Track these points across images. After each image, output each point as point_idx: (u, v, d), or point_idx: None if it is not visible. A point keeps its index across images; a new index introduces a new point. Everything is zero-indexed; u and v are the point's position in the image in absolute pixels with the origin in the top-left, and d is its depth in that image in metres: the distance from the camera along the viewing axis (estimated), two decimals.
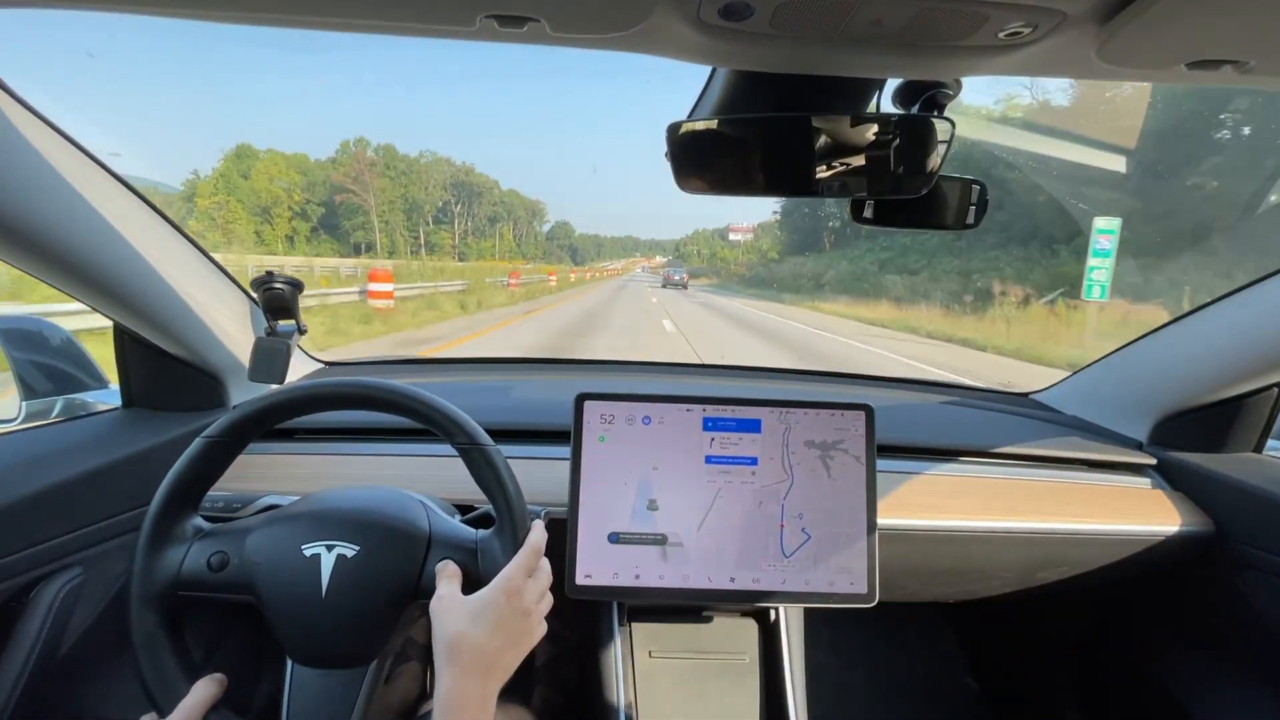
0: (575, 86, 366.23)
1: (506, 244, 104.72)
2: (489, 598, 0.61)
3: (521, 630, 0.62)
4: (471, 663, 0.58)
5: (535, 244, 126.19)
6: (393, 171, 79.08)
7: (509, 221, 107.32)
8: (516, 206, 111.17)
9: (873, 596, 0.89)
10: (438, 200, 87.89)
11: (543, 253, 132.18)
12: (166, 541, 0.65)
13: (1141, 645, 1.21)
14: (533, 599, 0.64)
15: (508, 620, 0.61)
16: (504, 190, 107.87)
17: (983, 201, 0.80)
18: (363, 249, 65.60)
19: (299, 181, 61.70)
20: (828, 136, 0.70)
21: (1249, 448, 1.11)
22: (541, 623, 0.66)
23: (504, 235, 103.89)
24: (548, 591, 0.68)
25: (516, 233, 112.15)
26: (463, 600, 0.62)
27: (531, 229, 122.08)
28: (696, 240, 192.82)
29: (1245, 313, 0.97)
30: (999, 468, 1.12)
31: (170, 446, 0.91)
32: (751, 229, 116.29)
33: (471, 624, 0.60)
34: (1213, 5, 0.42)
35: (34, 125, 0.66)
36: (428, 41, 0.56)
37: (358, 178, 70.19)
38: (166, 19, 0.54)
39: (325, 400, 0.69)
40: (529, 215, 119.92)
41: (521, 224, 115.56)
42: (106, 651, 0.87)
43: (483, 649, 0.59)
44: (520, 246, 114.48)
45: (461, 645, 0.59)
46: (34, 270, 0.74)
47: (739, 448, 0.90)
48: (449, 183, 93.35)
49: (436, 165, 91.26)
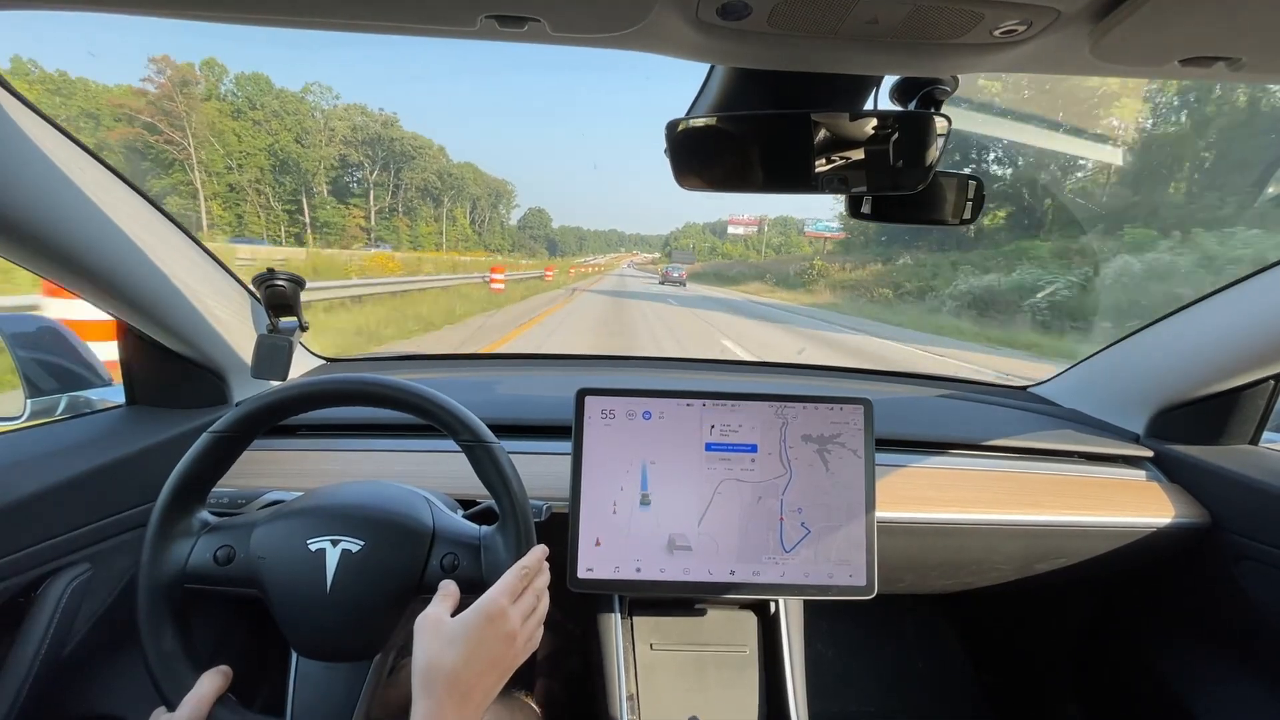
0: (560, 61, 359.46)
1: (459, 230, 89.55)
2: (470, 622, 0.60)
3: (503, 654, 0.61)
4: (446, 692, 0.56)
5: (501, 233, 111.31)
6: (260, 112, 51.85)
7: (461, 201, 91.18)
8: (469, 182, 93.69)
9: (871, 589, 0.89)
10: (333, 158, 60.65)
11: (511, 244, 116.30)
12: (173, 535, 0.65)
13: (1138, 636, 1.22)
14: (518, 621, 0.62)
15: (488, 645, 0.59)
16: (453, 162, 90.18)
17: (979, 197, 0.80)
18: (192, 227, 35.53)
19: (57, 113, 33.58)
20: (826, 133, 0.70)
21: (1245, 440, 1.12)
22: (531, 641, 0.65)
23: (456, 218, 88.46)
24: (536, 612, 0.66)
25: (476, 217, 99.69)
26: (445, 624, 0.60)
27: (496, 214, 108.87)
28: (689, 234, 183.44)
29: (1241, 306, 0.97)
30: (997, 460, 1.13)
31: (174, 443, 0.92)
32: (755, 221, 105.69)
33: (448, 649, 0.58)
34: (1205, 3, 0.43)
35: (34, 122, 0.67)
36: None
37: (169, 111, 39.61)
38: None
39: (329, 396, 0.70)
40: (491, 197, 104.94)
41: (482, 207, 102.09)
42: (114, 646, 0.88)
43: (457, 676, 0.57)
44: (481, 234, 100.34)
45: (435, 672, 0.57)
46: (37, 268, 0.74)
47: (739, 434, 0.91)
48: (362, 138, 66.75)
49: (340, 112, 64.30)
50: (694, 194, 0.78)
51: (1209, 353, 1.04)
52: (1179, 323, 1.08)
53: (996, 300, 16.79)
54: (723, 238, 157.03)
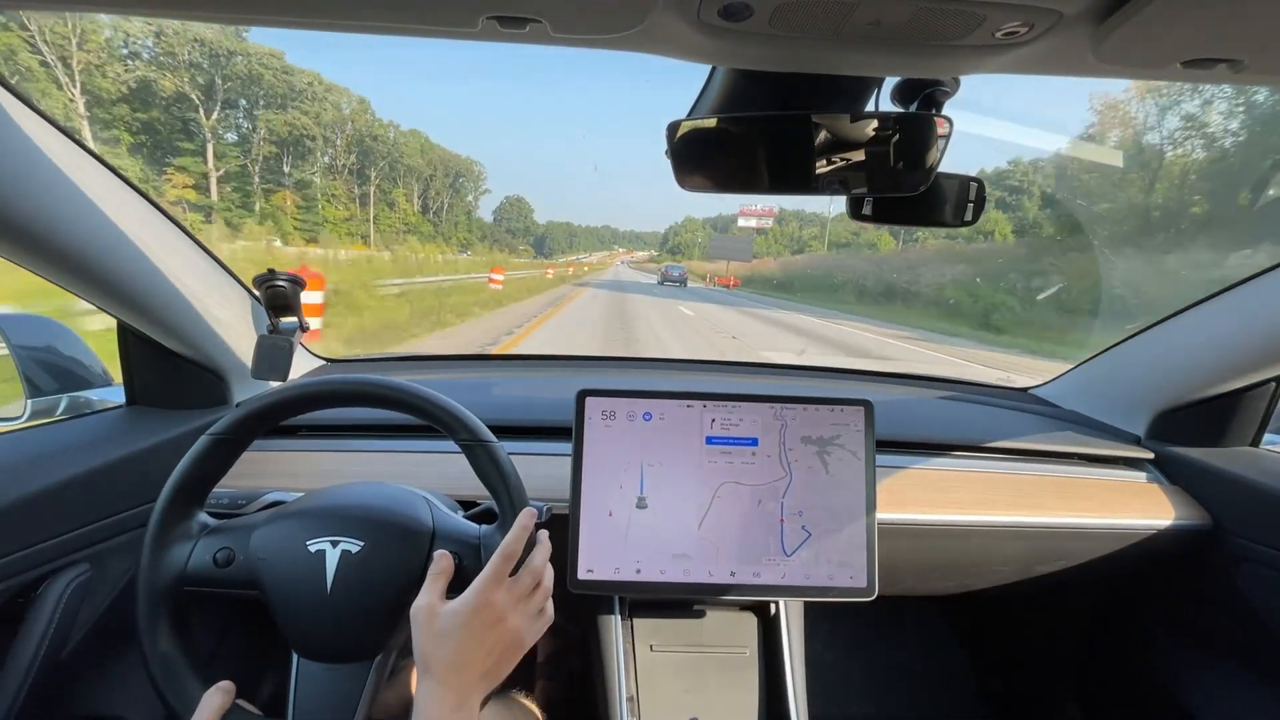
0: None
1: (401, 214, 72.05)
2: (460, 613, 0.60)
3: (499, 640, 0.61)
4: (445, 678, 0.57)
5: (468, 223, 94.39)
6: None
7: (404, 180, 74.31)
8: (412, 153, 76.58)
9: (872, 590, 0.89)
10: (190, 103, 39.14)
11: (481, 236, 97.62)
12: (173, 538, 0.65)
13: (1138, 638, 1.21)
14: (509, 605, 0.62)
15: (481, 634, 0.59)
16: (401, 130, 76.35)
17: (980, 198, 0.80)
18: None
19: None
20: (827, 134, 0.70)
21: (1246, 442, 1.12)
22: (536, 619, 0.65)
23: (397, 201, 70.37)
24: (540, 587, 0.66)
25: (429, 202, 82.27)
26: (437, 616, 0.60)
27: (459, 200, 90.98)
28: (689, 229, 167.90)
29: (1242, 308, 0.97)
30: (997, 462, 1.13)
31: (174, 444, 0.92)
32: (770, 213, 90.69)
33: (442, 642, 0.58)
34: (1207, 4, 0.43)
35: (34, 122, 0.67)
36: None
37: None
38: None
39: (329, 397, 0.70)
40: (447, 176, 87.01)
41: (439, 189, 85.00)
42: (113, 646, 0.88)
43: (452, 665, 0.58)
44: (438, 223, 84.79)
45: (431, 663, 0.58)
46: (37, 268, 0.74)
47: (739, 429, 0.91)
48: (246, 73, 44.79)
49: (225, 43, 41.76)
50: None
51: (1210, 355, 1.04)
52: (1180, 325, 1.08)
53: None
54: (724, 232, 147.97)
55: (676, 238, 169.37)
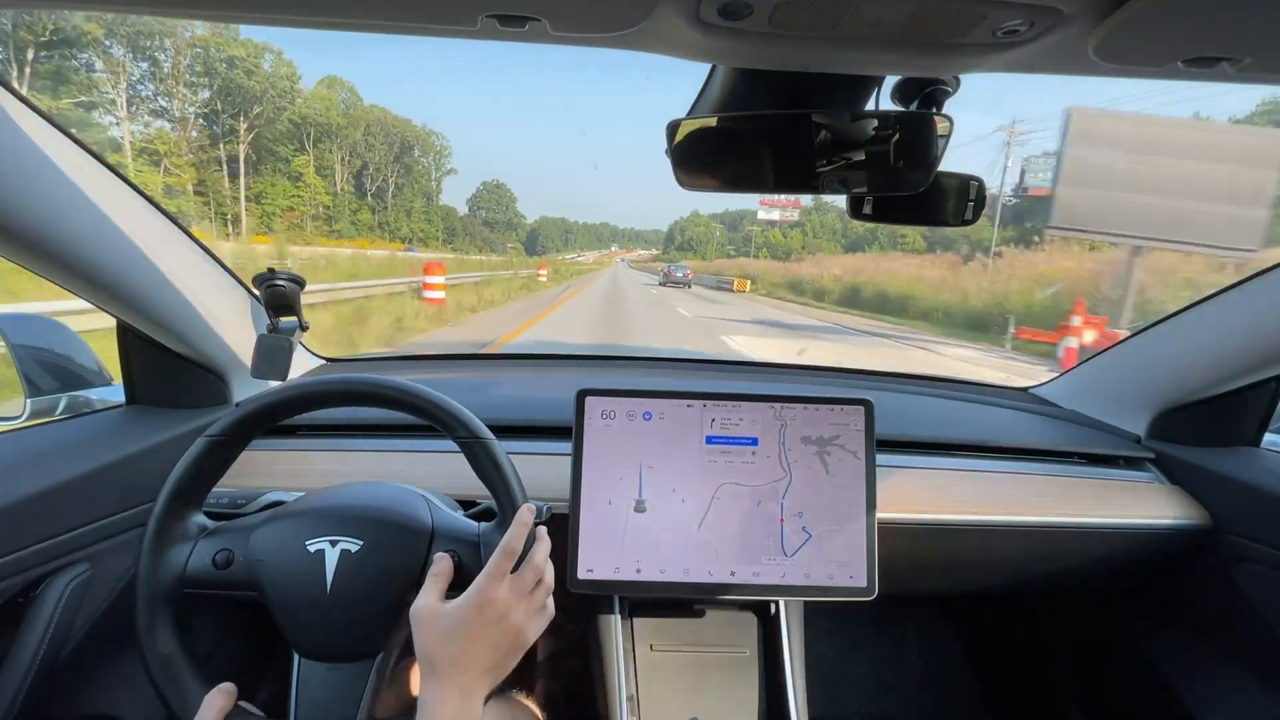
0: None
1: (281, 191, 51.88)
2: (460, 613, 0.60)
3: (503, 637, 0.61)
4: (449, 676, 0.58)
5: (426, 211, 75.48)
6: None
7: (327, 148, 58.87)
8: (320, 106, 58.65)
9: (872, 590, 0.89)
10: None
11: (442, 232, 78.94)
12: (171, 540, 0.65)
13: (1138, 637, 1.21)
14: (511, 602, 0.62)
15: (482, 632, 0.60)
16: (281, 72, 53.56)
17: (980, 197, 0.80)
18: None
19: None
20: (827, 133, 0.70)
21: (1246, 441, 1.12)
22: (537, 615, 0.65)
23: (304, 174, 51.41)
24: (541, 583, 0.66)
25: (370, 179, 66.54)
26: (439, 617, 0.60)
27: (414, 182, 73.11)
28: (695, 224, 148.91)
29: (1243, 307, 0.97)
30: (997, 461, 1.13)
31: (174, 443, 0.92)
32: (797, 204, 72.13)
33: (444, 642, 0.59)
34: (1208, 3, 0.43)
35: (34, 122, 0.67)
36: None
37: None
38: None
39: (328, 397, 0.70)
40: (390, 146, 69.78)
41: (379, 162, 68.13)
42: (113, 646, 0.87)
43: (456, 664, 0.58)
44: (380, 208, 68.31)
45: (435, 662, 0.58)
46: (37, 268, 0.74)
47: (739, 428, 0.91)
48: None
49: None
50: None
51: (1210, 354, 1.04)
52: (1180, 324, 1.08)
53: None
54: (734, 230, 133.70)
55: (684, 234, 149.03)
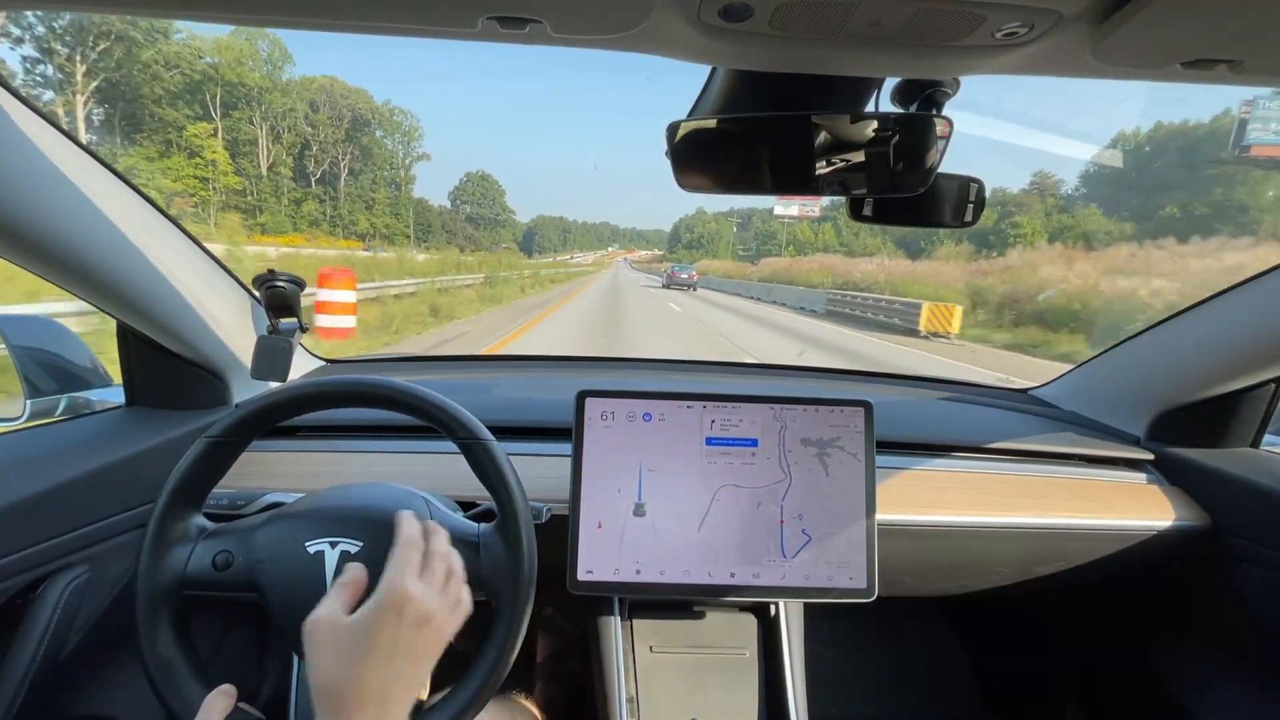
0: None
1: (170, 167, 40.26)
2: (373, 620, 0.51)
3: (427, 645, 0.54)
4: (358, 707, 0.48)
5: (392, 204, 64.11)
6: None
7: (243, 118, 48.29)
8: (228, 67, 46.85)
9: (872, 591, 0.89)
10: None
11: (422, 223, 68.58)
12: (171, 542, 0.65)
13: (1139, 639, 1.21)
14: (432, 598, 0.55)
15: (401, 639, 0.51)
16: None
17: (980, 199, 0.80)
18: None
19: None
20: (827, 135, 0.71)
21: (1246, 443, 1.12)
22: (455, 611, 0.58)
23: (204, 150, 41.01)
24: (453, 574, 0.60)
25: (314, 161, 55.21)
26: (341, 627, 0.51)
27: (375, 169, 61.26)
28: (703, 222, 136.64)
29: (1242, 308, 0.97)
30: (997, 463, 1.13)
31: (174, 445, 0.91)
32: (819, 197, 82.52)
33: (348, 660, 0.50)
34: (1207, 5, 0.43)
35: (34, 122, 0.67)
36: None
37: None
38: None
39: (327, 398, 0.70)
40: (336, 122, 57.86)
41: (325, 140, 56.69)
42: (112, 648, 0.87)
43: (367, 686, 0.49)
44: (331, 199, 56.76)
45: (339, 691, 0.49)
46: (37, 269, 0.74)
47: (739, 429, 0.91)
48: None
49: None
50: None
51: (1210, 356, 1.04)
52: (1179, 326, 1.08)
53: None
54: (744, 228, 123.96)
55: (691, 232, 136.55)
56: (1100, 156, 40.98)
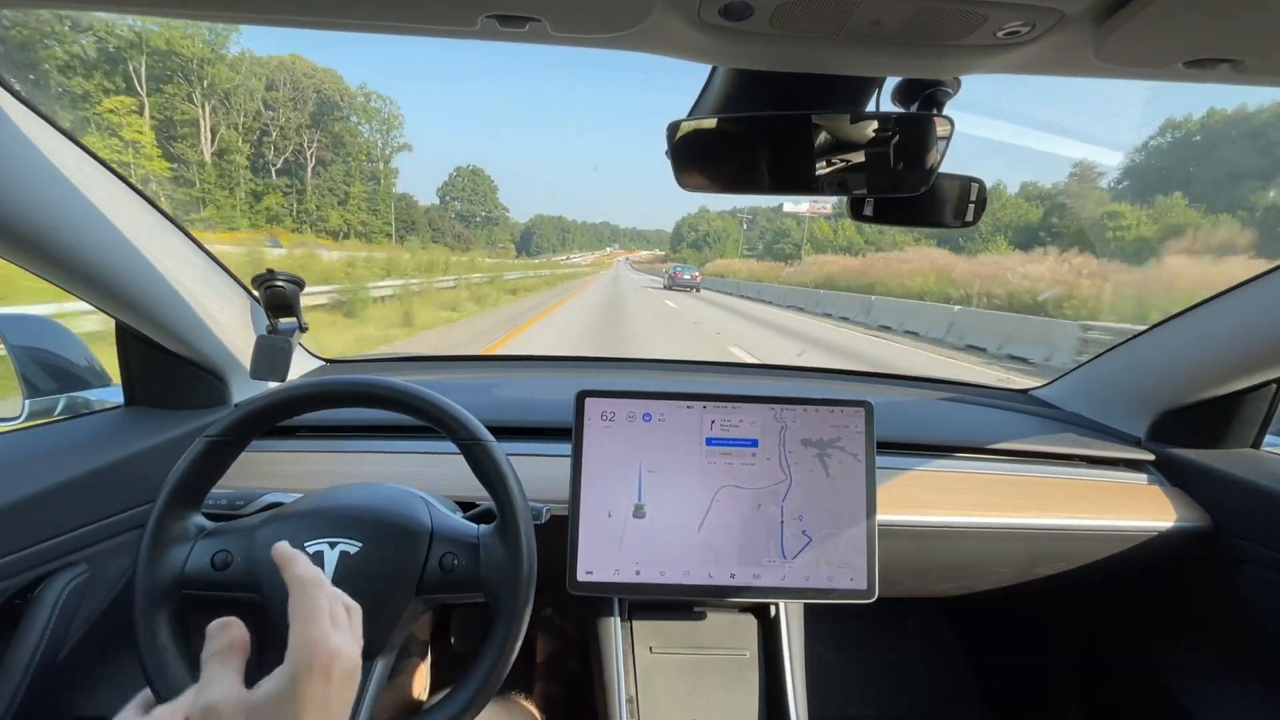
0: None
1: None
2: (294, 691, 0.42)
3: (349, 695, 0.46)
4: None
5: (370, 199, 55.94)
6: None
7: (179, 94, 41.41)
8: (156, 34, 39.45)
9: (872, 592, 0.89)
10: None
11: (404, 219, 61.03)
12: (170, 541, 0.65)
13: (1139, 640, 1.21)
14: (354, 648, 0.48)
15: (334, 701, 0.44)
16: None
17: (981, 199, 0.80)
18: None
19: None
20: (828, 134, 0.70)
21: (1247, 443, 1.12)
22: (357, 638, 0.51)
23: (125, 126, 32.47)
24: (351, 608, 0.53)
25: (273, 150, 47.93)
26: (255, 710, 0.41)
27: (349, 160, 53.49)
28: (705, 221, 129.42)
29: (1243, 309, 0.97)
30: (997, 464, 1.12)
31: (173, 445, 0.91)
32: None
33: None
34: (1209, 4, 0.43)
35: (34, 122, 0.66)
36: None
37: None
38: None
39: (327, 398, 0.70)
40: (304, 106, 51.08)
41: (288, 125, 49.31)
42: (111, 648, 0.87)
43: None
44: (297, 191, 49.10)
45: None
46: (37, 269, 0.74)
47: (739, 430, 0.91)
48: None
49: None
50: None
51: (1210, 356, 1.03)
52: (1180, 326, 1.08)
53: None
54: (749, 227, 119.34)
55: (696, 231, 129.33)
56: (1143, 146, 38.98)
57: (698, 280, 31.03)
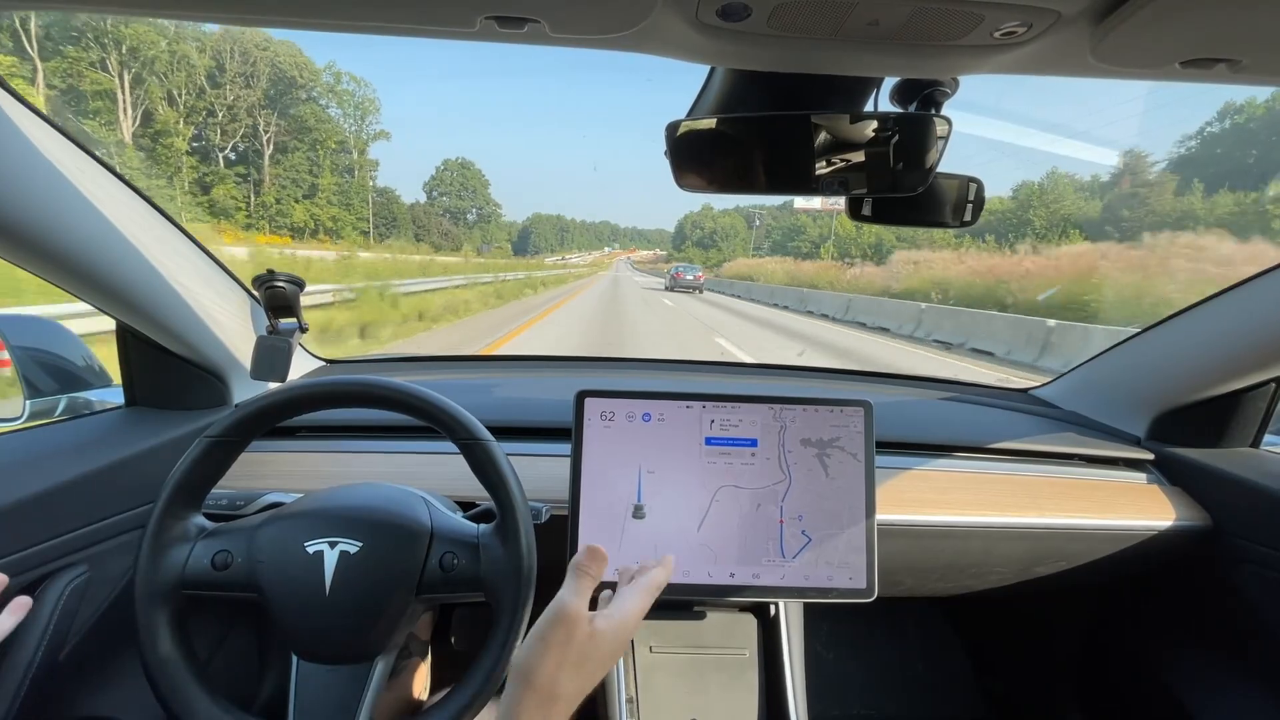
0: None
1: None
2: (604, 642, 0.51)
3: (584, 654, 0.51)
4: (522, 687, 0.49)
5: (342, 192, 49.17)
6: None
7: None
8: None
9: (872, 592, 0.89)
10: None
11: (384, 216, 53.47)
12: (170, 542, 0.65)
13: (1139, 639, 1.21)
14: (599, 623, 0.53)
15: (565, 647, 0.50)
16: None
17: (979, 198, 0.80)
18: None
19: None
20: (826, 134, 0.71)
21: (1246, 443, 1.12)
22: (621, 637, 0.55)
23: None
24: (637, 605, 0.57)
25: (216, 131, 40.54)
26: (592, 636, 0.51)
27: (314, 147, 46.50)
28: (709, 218, 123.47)
29: (1242, 308, 0.97)
30: (997, 463, 1.12)
31: (173, 445, 0.92)
32: None
33: (577, 675, 0.49)
34: (1206, 5, 0.43)
35: (34, 123, 0.67)
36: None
37: None
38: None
39: (327, 398, 0.70)
40: (254, 83, 43.98)
41: (238, 104, 41.98)
42: (112, 648, 0.87)
43: (570, 704, 0.49)
44: (205, 175, 41.12)
45: (551, 697, 0.48)
46: (36, 269, 0.74)
47: (739, 429, 0.91)
48: None
49: None
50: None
51: (1210, 355, 1.04)
52: (1180, 326, 1.08)
53: None
54: (754, 225, 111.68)
55: (701, 229, 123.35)
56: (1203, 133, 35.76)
57: (701, 281, 29.89)
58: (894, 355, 10.71)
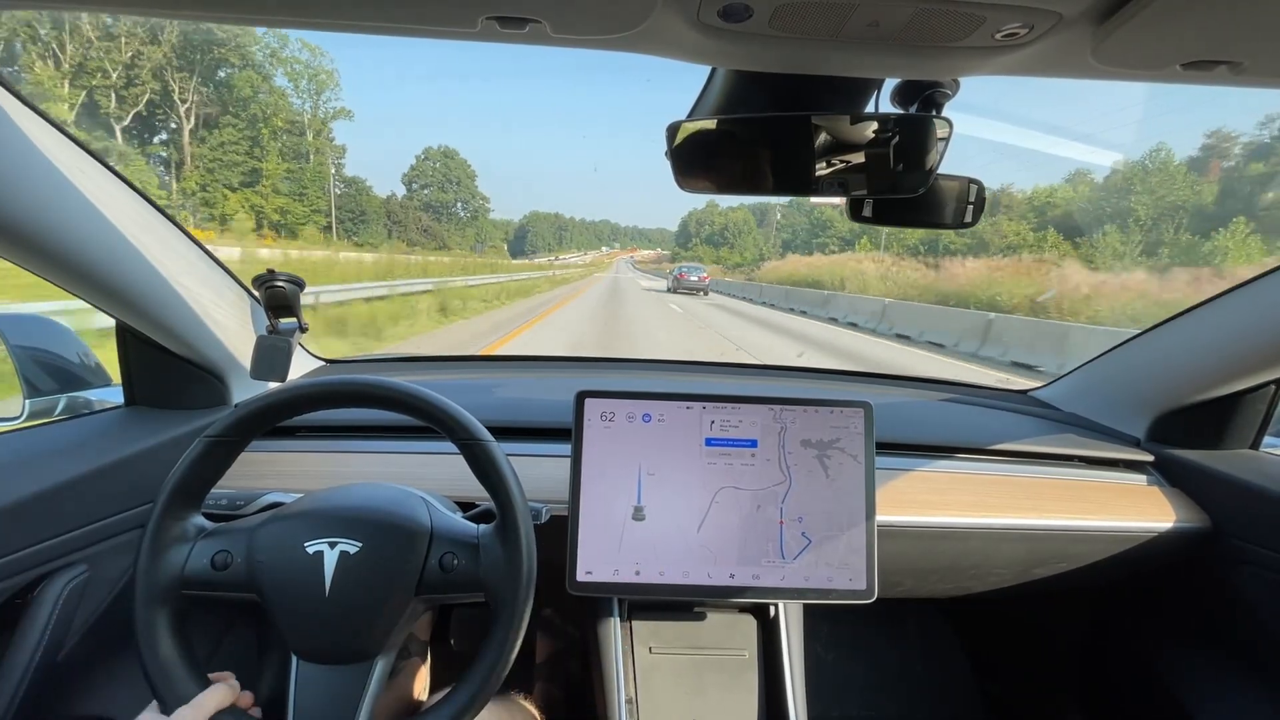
0: None
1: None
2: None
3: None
4: None
5: (292, 176, 39.31)
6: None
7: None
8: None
9: (872, 593, 0.89)
10: None
11: (351, 209, 46.15)
12: (170, 542, 0.65)
13: (1139, 641, 1.21)
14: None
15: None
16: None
17: (980, 200, 0.80)
18: None
19: None
20: (827, 135, 0.71)
21: (1246, 444, 1.12)
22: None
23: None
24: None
25: (92, 93, 30.36)
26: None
27: (257, 126, 37.63)
28: (714, 215, 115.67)
29: (1242, 310, 0.97)
30: (997, 464, 1.12)
31: (173, 445, 0.91)
32: None
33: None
34: (1207, 6, 0.43)
35: (34, 122, 0.67)
36: None
37: None
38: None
39: (327, 398, 0.70)
40: (160, 39, 32.76)
41: (143, 65, 32.78)
42: (111, 648, 0.87)
43: None
44: (192, 163, 33.72)
45: None
46: (37, 269, 0.74)
47: (739, 430, 0.91)
48: None
49: None
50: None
51: (1210, 357, 1.04)
52: (1179, 327, 1.08)
53: None
54: (763, 224, 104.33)
55: (710, 226, 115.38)
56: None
57: (706, 282, 28.38)
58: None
